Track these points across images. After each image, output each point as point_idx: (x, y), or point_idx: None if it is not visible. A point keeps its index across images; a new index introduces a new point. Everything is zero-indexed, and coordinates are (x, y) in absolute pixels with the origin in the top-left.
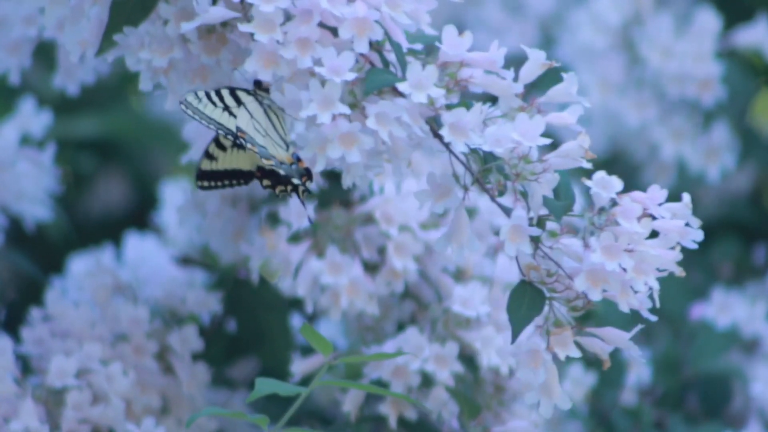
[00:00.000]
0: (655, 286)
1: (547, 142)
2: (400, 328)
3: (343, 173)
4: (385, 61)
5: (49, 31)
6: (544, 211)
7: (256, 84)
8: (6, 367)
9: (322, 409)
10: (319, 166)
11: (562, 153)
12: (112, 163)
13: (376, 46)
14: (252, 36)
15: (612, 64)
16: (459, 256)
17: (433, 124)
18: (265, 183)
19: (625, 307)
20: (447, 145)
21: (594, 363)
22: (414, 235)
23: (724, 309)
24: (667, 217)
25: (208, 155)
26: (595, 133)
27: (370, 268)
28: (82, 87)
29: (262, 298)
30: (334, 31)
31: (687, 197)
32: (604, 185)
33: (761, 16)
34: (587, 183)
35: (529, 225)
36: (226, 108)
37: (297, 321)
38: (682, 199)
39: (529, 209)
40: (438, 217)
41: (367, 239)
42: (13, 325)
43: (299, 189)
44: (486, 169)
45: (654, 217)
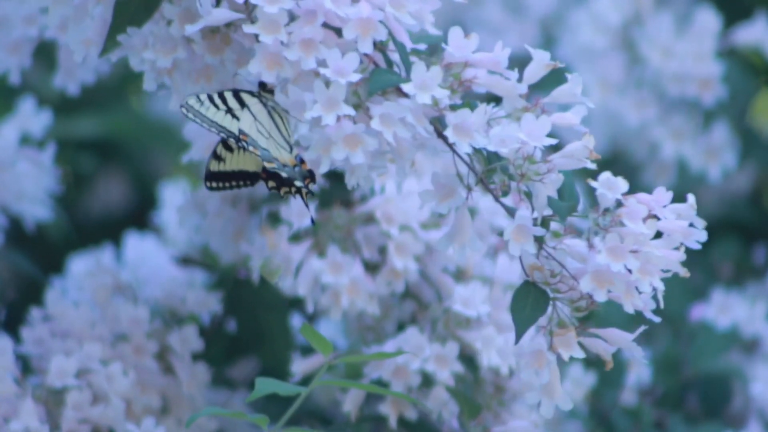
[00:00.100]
0: (660, 286)
1: (553, 142)
2: (400, 327)
3: (346, 174)
4: (389, 62)
5: (51, 30)
6: (548, 211)
7: (260, 86)
8: (6, 367)
9: (322, 409)
10: (324, 168)
11: (567, 153)
12: (112, 163)
13: (380, 47)
14: (256, 37)
15: (612, 64)
16: (461, 256)
17: (437, 124)
18: (271, 184)
19: (630, 308)
20: (451, 146)
21: (594, 363)
22: (415, 234)
23: (724, 309)
24: (671, 218)
25: (216, 156)
26: (595, 133)
27: (371, 268)
28: (82, 87)
29: (262, 298)
30: (338, 32)
31: (692, 198)
32: (610, 186)
33: (761, 15)
34: (593, 184)
35: (533, 225)
36: (229, 110)
37: (297, 321)
38: (686, 200)
39: (533, 210)
40: (438, 217)
41: (367, 239)
42: (13, 325)
43: (302, 191)
44: (490, 170)
45: (659, 218)
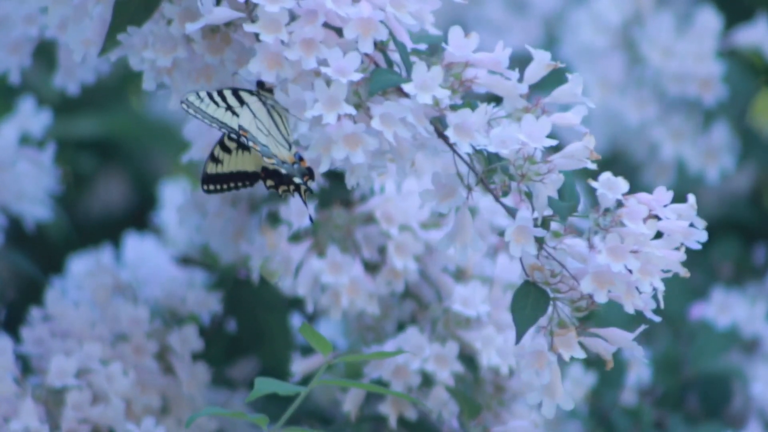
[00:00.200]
0: (660, 287)
1: (553, 143)
2: (400, 327)
3: (346, 173)
4: (389, 61)
5: (51, 30)
6: (548, 211)
7: (259, 85)
8: (6, 367)
9: (322, 408)
10: (324, 167)
11: (568, 154)
12: (112, 163)
13: (381, 46)
14: (257, 36)
15: (612, 64)
16: (462, 256)
17: (438, 124)
18: (269, 183)
19: (630, 309)
20: (452, 146)
21: (594, 363)
22: (414, 234)
23: (724, 309)
24: (672, 218)
25: (213, 158)
26: (595, 133)
27: (371, 268)
28: (82, 87)
29: (262, 298)
30: (339, 32)
31: (692, 198)
32: (611, 186)
33: (761, 16)
34: (593, 184)
35: (534, 226)
36: (228, 108)
37: (297, 321)
38: (687, 200)
39: (533, 210)
40: (438, 216)
41: (367, 239)
42: (13, 325)
43: (301, 188)
44: (490, 170)
45: (659, 219)
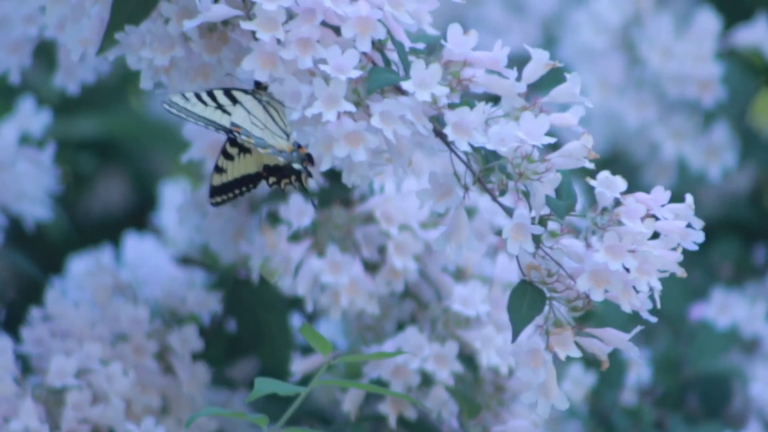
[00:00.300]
0: (657, 286)
1: (551, 141)
2: (400, 327)
3: (344, 172)
4: (387, 61)
5: (51, 30)
6: (545, 210)
7: (256, 85)
8: (6, 367)
9: (322, 408)
10: (325, 165)
11: (566, 153)
12: (112, 163)
13: (378, 46)
14: (254, 34)
15: (612, 64)
16: (458, 256)
17: (436, 123)
18: (271, 180)
19: (627, 308)
20: (449, 144)
21: (594, 363)
22: (414, 234)
23: (724, 309)
24: (670, 218)
25: (218, 169)
26: (595, 133)
27: (371, 268)
28: (82, 87)
29: (262, 298)
30: (337, 31)
31: (690, 198)
32: (609, 185)
33: (761, 16)
34: (591, 183)
35: (531, 224)
36: (219, 107)
37: (297, 321)
38: (684, 200)
39: (530, 209)
40: (438, 216)
41: (367, 238)
42: (13, 325)
43: (302, 175)
44: (488, 169)
45: (657, 218)
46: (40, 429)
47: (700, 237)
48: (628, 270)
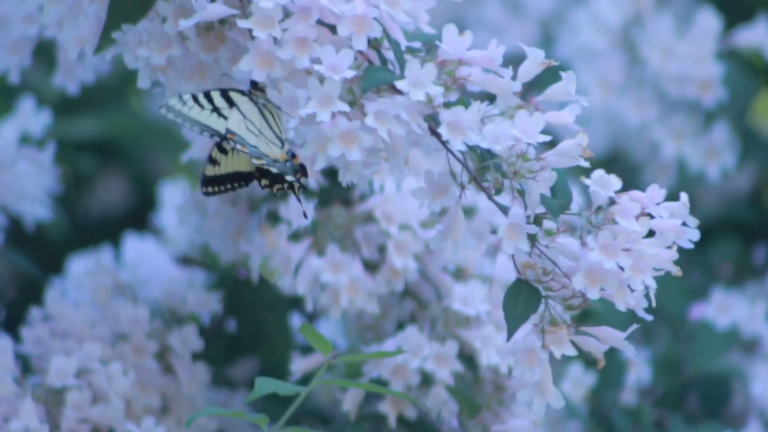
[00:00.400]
0: (652, 284)
1: (546, 139)
2: (399, 327)
3: (340, 170)
4: (384, 59)
5: (51, 29)
6: (541, 209)
7: (252, 85)
8: (6, 367)
9: (322, 408)
10: (319, 165)
11: (560, 151)
12: (112, 163)
13: (375, 44)
14: (251, 33)
15: (612, 64)
16: (454, 254)
17: (432, 122)
18: (264, 183)
19: (621, 306)
20: (445, 143)
21: (594, 363)
22: (414, 233)
23: (724, 309)
24: (665, 216)
25: (212, 160)
26: (595, 133)
27: (370, 267)
28: (82, 87)
29: (262, 298)
30: (333, 29)
31: (684, 196)
32: (603, 184)
33: (761, 17)
34: (586, 181)
35: (527, 223)
36: (215, 110)
37: (297, 320)
38: (679, 198)
39: (526, 207)
40: (438, 215)
41: (367, 238)
42: (13, 325)
43: (294, 186)
44: (483, 167)
45: (652, 217)
46: (40, 429)
47: (696, 235)
48: (623, 268)
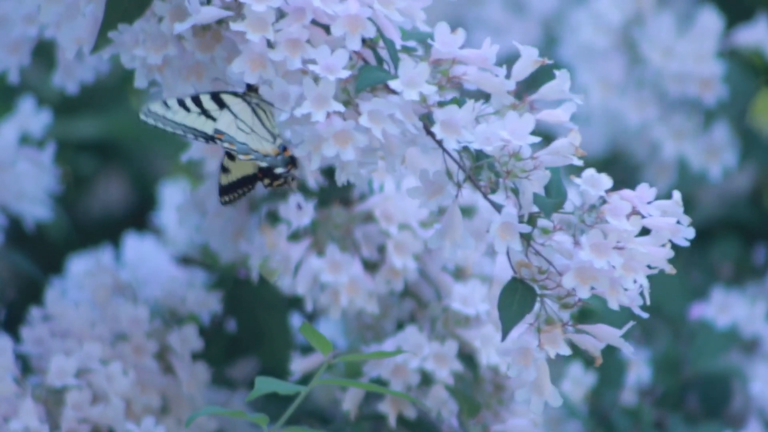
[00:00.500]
0: (645, 283)
1: (536, 140)
2: (399, 326)
3: (336, 170)
4: (379, 59)
5: (51, 29)
6: (535, 208)
7: (248, 86)
8: (6, 367)
9: (322, 408)
10: (315, 164)
11: (553, 150)
12: (112, 163)
13: (370, 44)
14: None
15: (613, 64)
16: (452, 254)
17: (426, 121)
18: (266, 182)
19: (614, 305)
20: (439, 143)
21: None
22: (414, 233)
23: (724, 309)
24: (656, 214)
25: (224, 169)
26: (595, 133)
27: (370, 267)
28: (82, 87)
29: (262, 298)
30: (327, 29)
31: (677, 195)
32: (593, 183)
33: (762, 16)
34: (576, 181)
35: (520, 222)
36: (203, 112)
37: (297, 320)
38: (672, 196)
39: (520, 206)
40: (438, 215)
41: (366, 237)
42: (13, 325)
43: (288, 179)
44: (477, 167)
45: (643, 215)
46: (40, 429)
47: (691, 233)
48: (614, 267)
